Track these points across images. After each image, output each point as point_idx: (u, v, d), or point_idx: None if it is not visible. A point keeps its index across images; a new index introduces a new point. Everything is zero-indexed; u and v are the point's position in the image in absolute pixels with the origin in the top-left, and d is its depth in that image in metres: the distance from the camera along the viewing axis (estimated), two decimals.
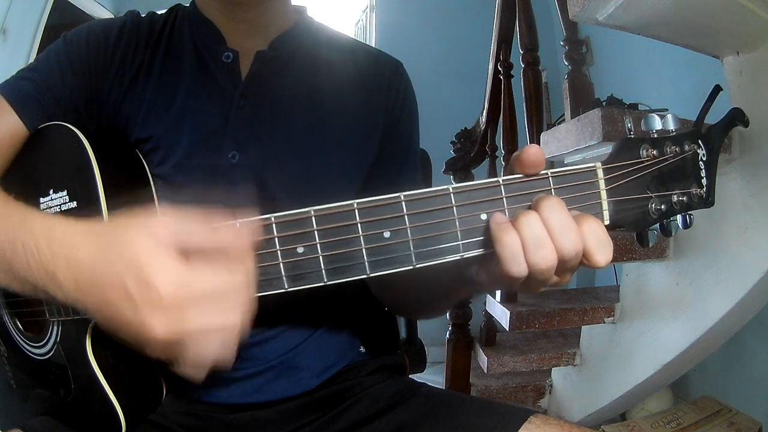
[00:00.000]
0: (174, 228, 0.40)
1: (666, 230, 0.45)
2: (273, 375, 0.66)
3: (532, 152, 0.41)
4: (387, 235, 0.41)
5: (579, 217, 0.40)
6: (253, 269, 0.41)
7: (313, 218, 0.42)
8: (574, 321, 1.51)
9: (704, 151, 0.45)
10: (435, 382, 0.90)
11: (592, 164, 0.43)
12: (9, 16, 2.19)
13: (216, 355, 0.40)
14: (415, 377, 0.85)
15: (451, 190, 0.41)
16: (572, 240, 0.39)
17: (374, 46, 1.13)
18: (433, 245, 0.41)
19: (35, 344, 0.62)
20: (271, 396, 0.66)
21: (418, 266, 0.42)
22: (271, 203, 0.65)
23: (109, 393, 0.55)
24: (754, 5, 0.96)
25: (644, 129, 0.44)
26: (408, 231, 0.41)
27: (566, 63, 1.67)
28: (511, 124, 1.71)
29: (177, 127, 0.64)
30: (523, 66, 1.63)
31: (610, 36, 2.42)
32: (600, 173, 0.43)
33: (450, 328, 1.86)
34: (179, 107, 0.64)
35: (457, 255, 0.42)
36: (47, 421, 0.61)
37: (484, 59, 1.92)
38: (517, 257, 0.40)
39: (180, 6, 0.71)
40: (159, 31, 0.68)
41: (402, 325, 1.11)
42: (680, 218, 0.45)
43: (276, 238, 0.42)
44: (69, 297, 0.42)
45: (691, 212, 0.45)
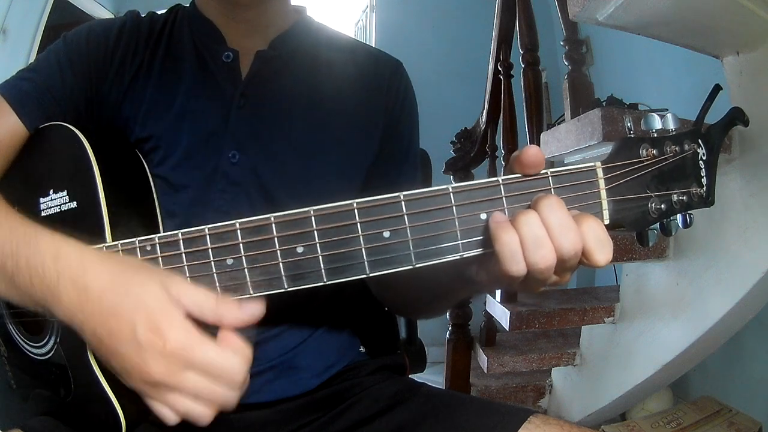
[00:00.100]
0: (188, 292, 0.42)
1: (666, 230, 0.45)
2: (273, 375, 0.66)
3: (532, 153, 0.41)
4: (386, 235, 0.41)
5: (579, 217, 0.40)
6: (248, 363, 0.43)
7: (313, 218, 0.42)
8: (574, 321, 1.51)
9: (704, 151, 0.45)
10: (435, 382, 0.90)
11: (592, 164, 0.42)
12: (9, 16, 2.19)
13: (195, 414, 0.43)
14: (415, 377, 0.85)
15: (451, 190, 0.41)
16: (571, 239, 0.39)
17: (374, 46, 1.13)
18: (433, 245, 0.41)
19: (35, 344, 0.62)
20: (271, 396, 0.66)
21: (418, 266, 0.42)
22: (271, 203, 0.65)
23: (109, 393, 0.55)
24: (754, 5, 0.96)
25: (644, 129, 0.44)
26: (407, 231, 0.41)
27: (566, 63, 1.67)
28: (511, 124, 1.71)
29: (177, 127, 0.64)
30: (523, 66, 1.63)
31: (610, 36, 2.42)
32: (600, 173, 0.42)
33: (450, 328, 1.86)
34: (179, 107, 0.64)
35: (457, 255, 0.42)
36: (47, 421, 0.61)
37: (484, 59, 1.92)
38: (516, 256, 0.40)
39: (180, 6, 0.71)
40: (159, 31, 0.68)
41: (402, 325, 1.11)
42: (680, 218, 0.45)
43: (276, 238, 0.42)
44: (68, 317, 0.44)
45: (691, 212, 0.45)
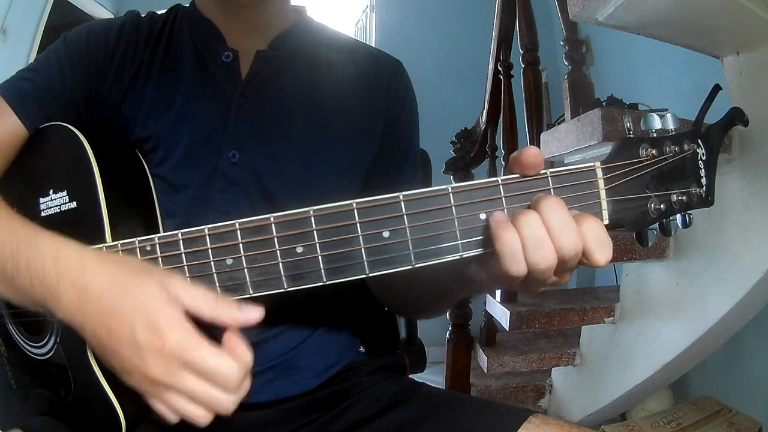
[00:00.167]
0: (187, 291, 0.42)
1: (665, 230, 0.45)
2: (273, 375, 0.66)
3: (531, 154, 0.41)
4: (386, 235, 0.41)
5: (578, 217, 0.40)
6: (247, 369, 0.43)
7: (312, 218, 0.42)
8: (574, 321, 1.51)
9: (704, 151, 0.45)
10: (435, 382, 0.90)
11: (591, 164, 0.43)
12: (9, 16, 2.19)
13: (193, 415, 0.43)
14: (415, 377, 0.85)
15: (450, 190, 0.41)
16: (572, 239, 0.39)
17: (374, 46, 1.13)
18: (432, 245, 0.41)
19: (35, 344, 0.62)
20: (271, 396, 0.66)
21: (417, 266, 0.42)
22: (271, 203, 0.65)
23: (109, 393, 0.55)
24: (754, 5, 0.96)
25: (643, 129, 0.44)
26: (407, 231, 0.41)
27: (566, 63, 1.67)
28: (511, 124, 1.71)
29: (177, 127, 0.64)
30: (523, 66, 1.62)
31: (610, 36, 2.42)
32: (599, 173, 0.42)
33: (450, 328, 1.86)
34: (179, 107, 0.64)
35: (456, 254, 0.42)
36: (47, 421, 0.61)
37: (484, 59, 1.92)
38: (517, 255, 0.40)
39: (180, 6, 0.71)
40: (159, 31, 0.68)
41: (402, 325, 1.11)
42: (680, 218, 0.45)
43: (275, 238, 0.42)
44: (68, 318, 0.44)
45: (691, 212, 0.45)
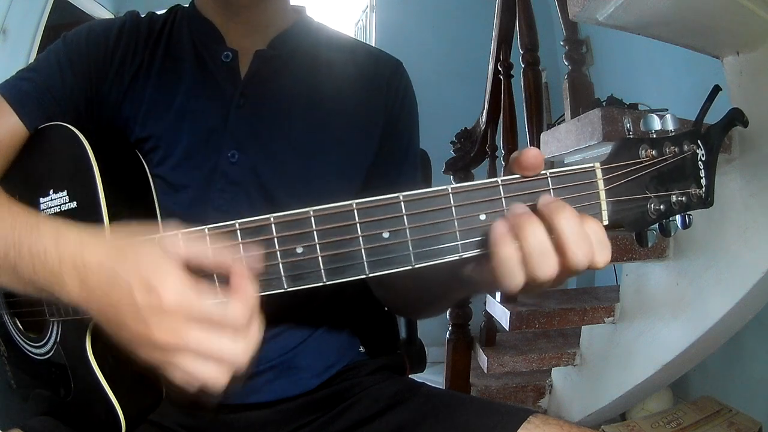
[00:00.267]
0: (182, 244, 0.42)
1: (665, 230, 0.45)
2: (273, 375, 0.67)
3: (531, 155, 0.41)
4: (386, 236, 0.41)
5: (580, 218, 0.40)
6: (256, 305, 0.42)
7: (312, 218, 0.41)
8: (574, 321, 1.51)
9: (703, 151, 0.45)
10: (435, 382, 0.90)
11: (591, 164, 0.43)
12: (9, 16, 2.19)
13: (208, 377, 0.41)
14: (415, 377, 0.85)
15: (450, 191, 0.41)
16: (585, 250, 0.39)
17: (374, 46, 1.13)
18: (432, 245, 0.41)
19: (35, 344, 0.62)
20: (271, 396, 0.66)
21: (417, 266, 0.42)
22: (271, 203, 0.65)
23: (109, 393, 0.55)
24: (754, 5, 0.96)
25: (643, 129, 0.44)
26: (407, 231, 0.41)
27: (566, 63, 1.67)
28: (511, 124, 1.71)
29: (176, 127, 0.64)
30: (523, 66, 1.62)
31: (610, 36, 2.42)
32: (599, 173, 0.42)
33: (450, 328, 1.86)
34: (179, 107, 0.64)
35: (456, 255, 0.42)
36: (47, 421, 0.61)
37: (484, 59, 1.92)
38: (513, 272, 0.40)
39: (179, 6, 0.72)
40: (158, 31, 0.68)
41: (402, 325, 1.11)
42: (679, 218, 0.45)
43: (275, 239, 0.42)
44: (73, 299, 0.43)
45: (690, 212, 0.45)
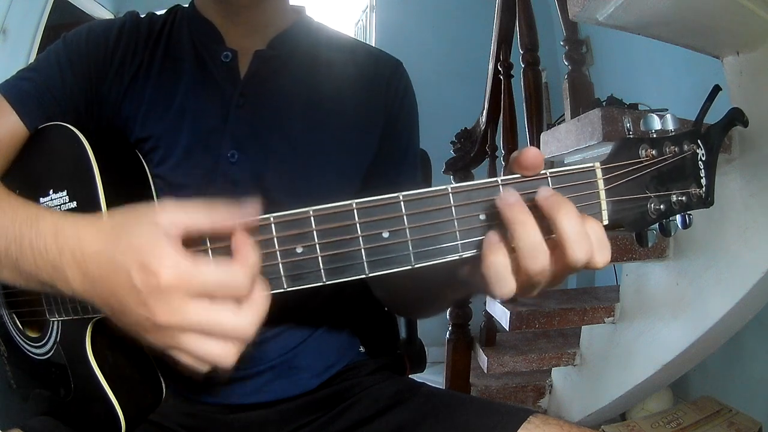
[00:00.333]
0: (177, 216, 0.40)
1: (665, 230, 0.45)
2: (273, 375, 0.67)
3: (531, 155, 0.41)
4: (386, 235, 0.41)
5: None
6: (257, 268, 0.40)
7: (312, 218, 0.41)
8: (574, 321, 1.51)
9: (703, 151, 0.45)
10: (435, 382, 0.90)
11: (591, 164, 0.42)
12: (9, 16, 2.19)
13: (216, 355, 0.39)
14: (415, 377, 0.85)
15: (450, 190, 0.41)
16: (586, 249, 0.39)
17: (374, 46, 1.13)
18: (432, 245, 0.41)
19: (35, 344, 0.62)
20: (271, 396, 0.67)
21: (417, 266, 0.42)
22: (270, 203, 0.64)
23: (109, 393, 0.55)
24: (754, 5, 0.96)
25: (643, 129, 0.44)
26: (407, 231, 0.41)
27: (566, 63, 1.67)
28: (511, 124, 1.71)
29: (176, 127, 0.64)
30: (523, 66, 1.62)
31: (610, 36, 2.42)
32: (599, 173, 0.42)
33: (450, 328, 1.86)
34: (178, 107, 0.64)
35: (456, 255, 0.42)
36: (47, 421, 0.61)
37: (484, 59, 1.92)
38: (502, 280, 0.40)
39: (179, 6, 0.72)
40: (158, 32, 0.68)
41: (402, 325, 1.11)
42: (679, 218, 0.45)
43: (275, 238, 0.42)
44: (76, 291, 0.42)
45: (690, 212, 0.45)
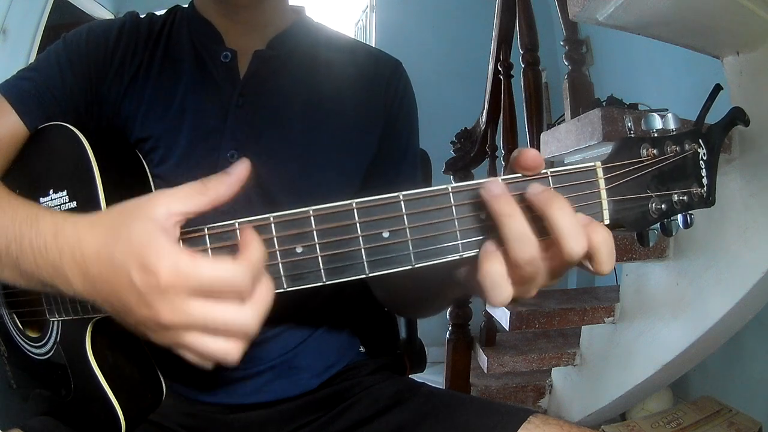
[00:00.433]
0: (172, 206, 0.40)
1: (666, 230, 0.45)
2: (273, 375, 0.67)
3: (531, 157, 0.40)
4: (386, 235, 0.41)
5: (591, 225, 0.39)
6: (261, 264, 0.39)
7: (312, 218, 0.41)
8: (574, 321, 1.51)
9: (705, 151, 0.45)
10: (435, 382, 0.90)
11: (592, 164, 0.42)
12: (9, 16, 2.19)
13: (220, 351, 0.39)
14: (415, 377, 0.85)
15: (450, 190, 0.41)
16: (581, 241, 0.38)
17: (374, 46, 1.13)
18: (432, 245, 0.41)
19: (35, 344, 0.62)
20: (271, 396, 0.66)
21: (417, 266, 0.42)
22: (270, 203, 0.65)
23: (109, 393, 0.55)
24: (754, 5, 0.96)
25: (644, 128, 0.44)
26: (407, 231, 0.41)
27: (566, 63, 1.67)
28: (511, 124, 1.71)
29: (176, 127, 0.64)
30: (523, 66, 1.63)
31: (610, 36, 2.42)
32: (600, 173, 0.42)
33: (450, 328, 1.86)
34: (178, 107, 0.64)
35: (456, 255, 0.42)
36: (47, 421, 0.61)
37: (484, 59, 1.92)
38: (497, 288, 0.40)
39: (179, 7, 0.72)
40: (158, 32, 0.68)
41: (402, 325, 1.11)
42: (681, 218, 0.45)
43: (275, 238, 0.42)
44: (77, 291, 0.42)
45: (692, 212, 0.45)
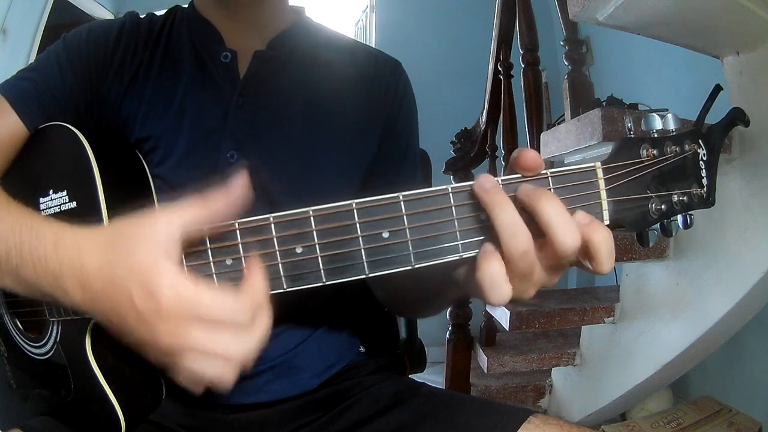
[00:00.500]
0: (174, 225, 0.40)
1: (666, 230, 0.45)
2: (273, 375, 0.66)
3: (530, 157, 0.40)
4: (386, 236, 0.41)
5: (592, 224, 0.39)
6: (263, 297, 0.40)
7: (312, 218, 0.41)
8: (574, 321, 1.51)
9: (705, 151, 0.45)
10: (435, 382, 0.90)
11: (592, 164, 0.42)
12: (9, 16, 2.19)
13: (213, 378, 0.40)
14: (415, 377, 0.85)
15: (450, 190, 0.41)
16: (573, 234, 0.38)
17: (374, 46, 1.13)
18: (432, 245, 0.41)
19: (35, 344, 0.62)
20: (271, 396, 0.66)
21: (417, 266, 0.42)
22: (270, 203, 0.65)
23: (109, 393, 0.55)
24: (754, 5, 0.96)
25: (644, 129, 0.44)
26: (407, 231, 0.41)
27: (566, 63, 1.67)
28: (511, 124, 1.71)
29: (176, 127, 0.64)
30: (523, 66, 1.63)
31: (610, 36, 2.42)
32: (600, 173, 0.42)
33: (450, 328, 1.86)
34: (178, 107, 0.64)
35: (456, 255, 0.41)
36: (47, 421, 0.61)
37: (484, 59, 1.92)
38: (495, 288, 0.40)
39: (179, 7, 0.72)
40: (158, 32, 0.68)
41: (402, 325, 1.11)
42: (681, 218, 0.45)
43: (275, 238, 0.42)
44: (76, 304, 0.42)
45: (692, 212, 0.45)
